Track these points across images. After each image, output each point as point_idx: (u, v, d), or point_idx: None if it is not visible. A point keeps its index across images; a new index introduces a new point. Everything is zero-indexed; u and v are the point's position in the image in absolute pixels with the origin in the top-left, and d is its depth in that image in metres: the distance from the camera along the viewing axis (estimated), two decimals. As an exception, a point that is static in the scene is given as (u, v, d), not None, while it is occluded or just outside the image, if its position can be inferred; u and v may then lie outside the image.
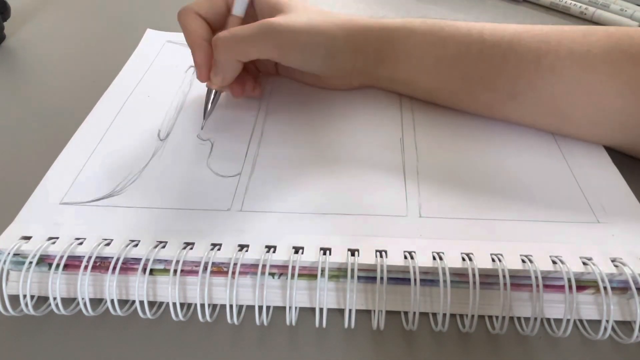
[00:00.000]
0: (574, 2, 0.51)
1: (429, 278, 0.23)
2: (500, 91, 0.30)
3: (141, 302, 0.23)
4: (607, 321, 0.21)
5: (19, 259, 0.23)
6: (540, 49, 0.28)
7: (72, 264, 0.23)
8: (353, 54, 0.32)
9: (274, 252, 0.23)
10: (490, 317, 0.24)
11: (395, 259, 0.23)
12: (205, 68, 0.30)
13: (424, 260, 0.23)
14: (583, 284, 0.23)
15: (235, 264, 0.23)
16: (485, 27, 0.30)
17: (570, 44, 0.28)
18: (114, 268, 0.23)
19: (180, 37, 0.43)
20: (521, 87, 0.29)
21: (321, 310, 0.23)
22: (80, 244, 0.24)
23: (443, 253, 0.23)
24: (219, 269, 0.24)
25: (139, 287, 0.23)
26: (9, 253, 0.23)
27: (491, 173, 0.29)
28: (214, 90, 0.31)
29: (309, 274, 0.24)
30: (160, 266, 0.24)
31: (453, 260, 0.23)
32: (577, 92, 0.28)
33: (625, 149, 0.31)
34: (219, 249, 0.23)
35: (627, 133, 0.29)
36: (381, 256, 0.23)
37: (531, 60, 0.28)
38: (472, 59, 0.30)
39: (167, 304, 0.24)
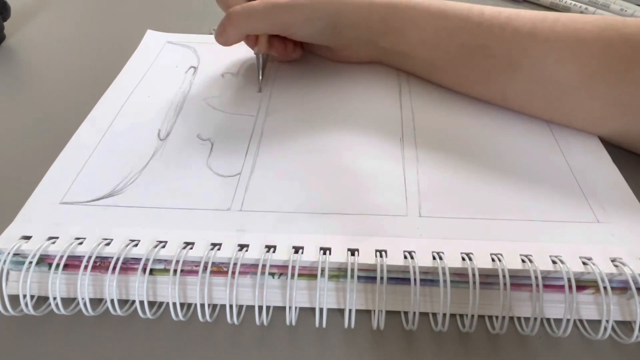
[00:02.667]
0: (574, 2, 0.51)
1: (429, 278, 0.23)
2: (497, 58, 0.31)
3: (141, 302, 0.23)
4: (607, 321, 0.21)
5: (19, 258, 0.23)
6: (536, 24, 0.30)
7: (72, 263, 0.23)
8: (357, 25, 0.34)
9: (274, 252, 0.23)
10: (490, 317, 0.24)
11: (395, 258, 0.23)
12: (254, 37, 0.34)
13: (424, 260, 0.23)
14: (583, 284, 0.23)
15: (235, 264, 0.23)
16: (485, 6, 0.32)
17: (566, 21, 0.30)
18: (114, 268, 0.23)
19: (180, 37, 0.43)
20: (517, 56, 0.30)
21: (321, 310, 0.23)
22: (80, 243, 0.24)
23: (443, 253, 0.23)
24: (219, 269, 0.24)
25: (139, 287, 0.23)
26: (9, 253, 0.23)
27: (491, 173, 0.29)
28: (261, 55, 0.35)
29: (309, 273, 0.24)
30: (160, 266, 0.24)
31: (453, 260, 0.23)
32: (571, 64, 0.29)
33: (622, 140, 0.31)
34: (218, 249, 0.23)
35: (621, 115, 0.30)
36: (381, 256, 0.23)
37: (527, 31, 0.30)
38: (471, 29, 0.32)
39: (167, 304, 0.24)
